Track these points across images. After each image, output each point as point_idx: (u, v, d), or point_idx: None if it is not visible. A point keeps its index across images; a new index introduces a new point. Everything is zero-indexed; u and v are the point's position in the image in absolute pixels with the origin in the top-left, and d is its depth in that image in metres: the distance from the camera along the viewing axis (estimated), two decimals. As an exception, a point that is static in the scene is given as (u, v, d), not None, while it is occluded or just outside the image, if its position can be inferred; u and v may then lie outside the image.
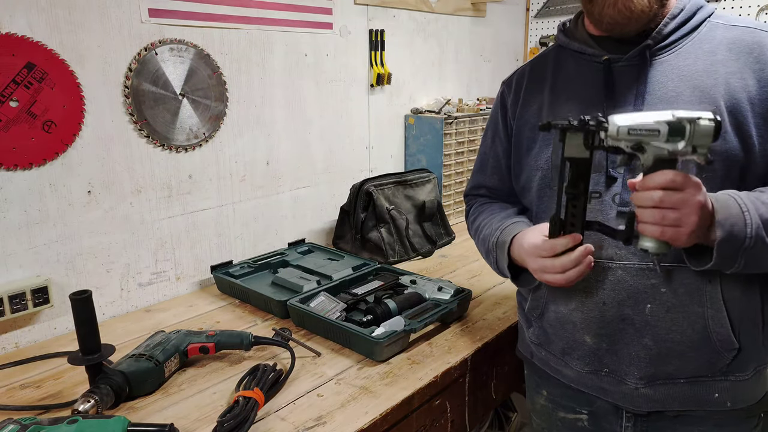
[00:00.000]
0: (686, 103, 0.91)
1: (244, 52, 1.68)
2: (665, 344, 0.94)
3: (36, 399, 1.10)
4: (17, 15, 1.24)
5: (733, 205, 0.85)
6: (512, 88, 1.15)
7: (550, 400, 1.14)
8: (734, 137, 0.89)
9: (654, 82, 0.95)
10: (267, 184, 1.81)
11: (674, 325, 0.93)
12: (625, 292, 0.95)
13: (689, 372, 0.95)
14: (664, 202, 0.81)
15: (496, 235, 1.09)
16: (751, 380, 0.97)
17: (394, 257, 1.84)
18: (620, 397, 1.00)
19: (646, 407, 0.99)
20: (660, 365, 0.95)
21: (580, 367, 1.03)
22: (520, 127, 1.11)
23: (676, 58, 0.95)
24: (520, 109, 1.11)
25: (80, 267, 1.42)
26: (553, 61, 1.10)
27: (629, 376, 0.98)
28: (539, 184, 1.06)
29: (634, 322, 0.95)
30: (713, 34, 0.95)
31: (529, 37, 2.83)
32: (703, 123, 0.78)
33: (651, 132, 0.80)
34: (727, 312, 0.92)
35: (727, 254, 0.84)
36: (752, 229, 0.83)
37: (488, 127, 1.22)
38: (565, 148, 0.86)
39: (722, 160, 0.90)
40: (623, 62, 0.97)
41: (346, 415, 1.04)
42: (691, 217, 0.81)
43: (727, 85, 0.91)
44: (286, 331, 1.30)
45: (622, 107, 0.96)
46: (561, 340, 1.05)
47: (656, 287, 0.93)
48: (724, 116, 0.89)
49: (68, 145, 1.35)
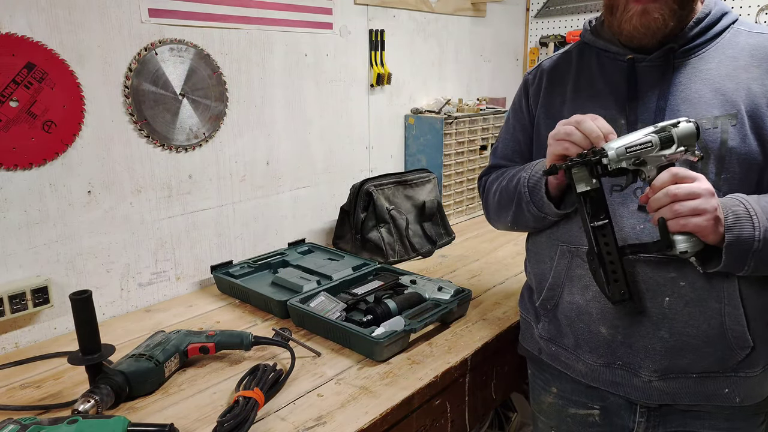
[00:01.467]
0: (707, 106, 0.93)
1: (244, 52, 1.68)
2: (681, 338, 0.95)
3: (36, 399, 1.10)
4: (17, 15, 1.24)
5: (740, 209, 0.86)
6: (536, 79, 1.17)
7: (560, 397, 1.14)
8: (754, 140, 0.91)
9: (676, 84, 0.96)
10: (267, 184, 1.81)
11: (691, 319, 0.94)
12: (643, 285, 0.96)
13: (702, 367, 0.96)
14: (678, 195, 0.83)
15: (524, 168, 1.09)
16: (759, 377, 0.97)
17: (394, 257, 1.84)
18: (632, 390, 1.00)
19: (658, 400, 0.99)
20: (674, 358, 0.96)
21: (593, 359, 1.03)
22: (540, 117, 1.12)
23: (699, 62, 0.97)
24: (542, 100, 1.13)
25: (80, 267, 1.42)
26: (577, 57, 1.11)
27: (643, 369, 0.98)
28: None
29: (651, 314, 0.96)
30: (736, 40, 0.97)
31: (529, 37, 2.83)
32: (683, 125, 0.86)
33: (646, 145, 0.87)
34: (744, 309, 0.93)
35: (736, 257, 0.86)
36: (760, 232, 0.84)
37: (509, 116, 1.24)
38: (575, 185, 0.91)
39: (741, 163, 0.91)
40: (647, 62, 0.99)
41: (346, 415, 1.04)
42: (710, 201, 0.83)
43: (748, 90, 0.93)
44: (286, 331, 1.30)
45: (644, 106, 0.98)
46: (574, 332, 1.06)
47: (675, 280, 0.94)
48: (744, 120, 0.91)
49: (68, 145, 1.35)
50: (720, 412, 0.99)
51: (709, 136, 0.92)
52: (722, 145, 0.92)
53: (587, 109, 1.02)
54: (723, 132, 0.92)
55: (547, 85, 1.13)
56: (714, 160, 0.92)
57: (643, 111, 0.98)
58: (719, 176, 0.92)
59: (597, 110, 1.01)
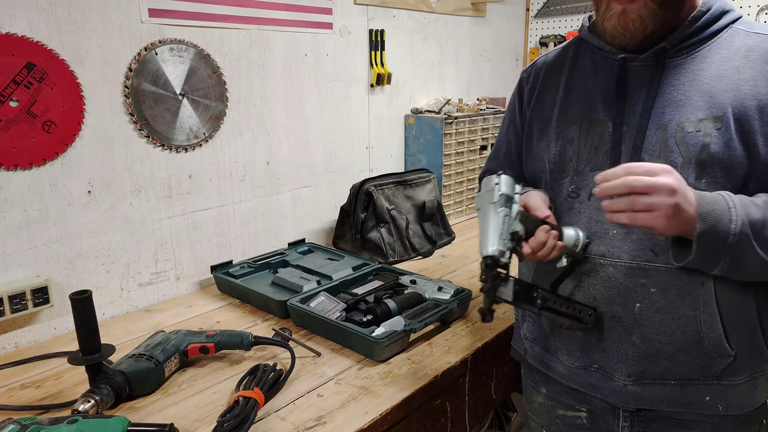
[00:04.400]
0: (693, 109, 0.91)
1: (244, 52, 1.68)
2: (653, 344, 0.94)
3: (36, 399, 1.10)
4: (17, 15, 1.24)
5: (719, 200, 0.83)
6: (530, 78, 1.16)
7: (549, 398, 1.14)
8: (739, 145, 0.88)
9: (665, 85, 0.94)
10: (267, 184, 1.81)
11: (663, 326, 0.93)
12: (614, 290, 0.95)
13: (680, 374, 0.95)
14: (634, 188, 0.80)
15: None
16: (744, 385, 0.95)
17: (394, 257, 1.84)
18: (609, 393, 1.00)
19: (635, 404, 0.98)
20: (648, 364, 0.95)
21: (570, 362, 1.03)
22: (533, 117, 1.12)
23: (692, 62, 0.94)
24: (535, 100, 1.12)
25: (80, 267, 1.42)
26: (572, 54, 1.10)
27: (617, 373, 0.98)
28: (549, 177, 1.06)
29: (622, 319, 0.95)
30: (733, 40, 0.95)
31: (529, 37, 2.84)
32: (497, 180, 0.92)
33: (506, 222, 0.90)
34: (720, 317, 0.91)
35: (709, 250, 0.83)
36: (737, 225, 0.81)
37: (505, 116, 1.23)
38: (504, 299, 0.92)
39: (723, 168, 0.88)
40: (638, 62, 0.97)
41: (346, 415, 1.04)
42: (665, 200, 0.79)
43: (738, 92, 0.89)
44: (286, 331, 1.30)
45: (631, 108, 0.96)
46: (553, 334, 1.06)
47: (646, 287, 0.93)
48: (730, 123, 0.88)
49: (68, 145, 1.35)
50: (705, 420, 0.97)
51: (690, 139, 0.90)
52: (703, 149, 0.88)
53: (575, 111, 1.02)
54: (705, 135, 0.89)
55: (541, 85, 1.12)
56: (693, 165, 0.89)
57: (629, 113, 0.96)
58: (699, 180, 0.89)
59: (584, 112, 1.01)
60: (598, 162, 0.98)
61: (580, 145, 1.01)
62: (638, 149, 0.94)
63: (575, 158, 1.01)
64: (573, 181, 1.01)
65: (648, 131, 0.94)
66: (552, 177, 1.05)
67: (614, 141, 0.96)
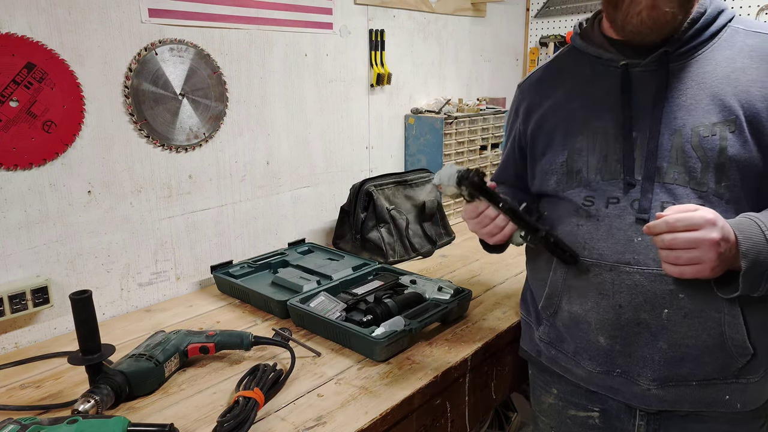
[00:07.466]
0: (704, 113, 0.91)
1: (244, 52, 1.68)
2: (680, 348, 0.94)
3: (36, 399, 1.10)
4: (17, 15, 1.24)
5: (756, 232, 0.84)
6: (525, 92, 1.15)
7: (560, 398, 1.14)
8: (753, 146, 0.89)
9: (672, 90, 0.94)
10: (267, 184, 1.81)
11: (690, 330, 0.93)
12: (642, 297, 0.94)
13: (702, 375, 0.95)
14: (676, 244, 0.83)
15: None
16: (760, 381, 0.97)
17: (394, 257, 1.84)
18: (631, 396, 1.00)
19: (656, 406, 0.99)
20: (674, 368, 0.95)
21: (592, 367, 1.03)
22: (534, 131, 1.11)
23: (696, 65, 0.94)
24: (533, 113, 1.11)
25: (80, 267, 1.42)
26: (567, 64, 1.09)
27: (642, 378, 0.97)
28: (554, 188, 1.05)
29: (650, 326, 0.95)
30: (733, 40, 0.94)
31: (529, 37, 2.84)
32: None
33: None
34: (743, 318, 0.92)
35: (754, 280, 0.85)
36: None
37: (505, 129, 1.24)
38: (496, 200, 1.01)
39: (741, 170, 0.89)
40: (641, 68, 0.96)
41: (346, 415, 1.04)
42: (709, 254, 0.82)
43: (747, 94, 0.90)
44: (286, 331, 1.30)
45: (640, 115, 0.95)
46: (574, 340, 1.05)
47: (674, 293, 0.93)
48: (743, 126, 0.89)
49: (68, 145, 1.35)
50: (721, 416, 0.99)
51: (707, 144, 0.90)
52: (721, 153, 0.89)
53: (579, 120, 1.01)
54: (722, 139, 0.89)
55: (537, 98, 1.11)
56: (713, 169, 0.90)
57: (638, 120, 0.95)
58: (719, 184, 0.90)
59: (590, 121, 1.00)
60: (609, 170, 0.98)
61: (588, 155, 1.00)
62: (653, 156, 0.93)
63: (585, 168, 1.00)
64: (585, 190, 1.00)
65: (662, 137, 0.93)
66: (560, 188, 1.04)
67: (626, 149, 0.96)
